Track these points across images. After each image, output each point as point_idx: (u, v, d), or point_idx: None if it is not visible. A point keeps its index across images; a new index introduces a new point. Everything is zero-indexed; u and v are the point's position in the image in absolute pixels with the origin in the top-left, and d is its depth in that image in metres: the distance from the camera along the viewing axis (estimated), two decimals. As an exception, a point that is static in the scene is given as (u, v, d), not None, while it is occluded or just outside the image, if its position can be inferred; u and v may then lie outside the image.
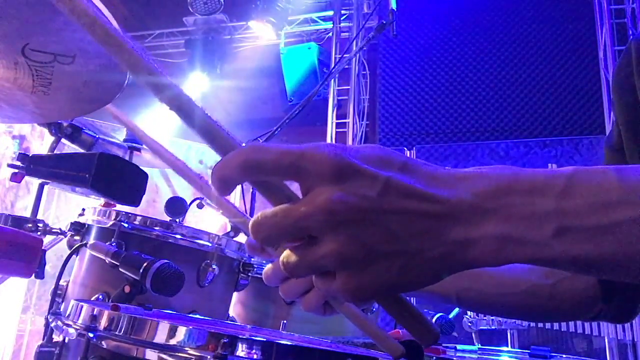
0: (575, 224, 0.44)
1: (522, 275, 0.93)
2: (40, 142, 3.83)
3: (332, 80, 5.51)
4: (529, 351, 1.65)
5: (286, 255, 0.48)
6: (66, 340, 0.90)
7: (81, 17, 0.44)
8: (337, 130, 5.94)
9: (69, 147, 1.79)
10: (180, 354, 0.74)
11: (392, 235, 0.45)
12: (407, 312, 0.50)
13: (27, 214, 1.67)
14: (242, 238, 1.74)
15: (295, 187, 0.49)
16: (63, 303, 1.54)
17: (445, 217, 0.45)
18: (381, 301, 0.51)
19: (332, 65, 5.98)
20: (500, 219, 0.45)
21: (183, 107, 0.47)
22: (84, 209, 1.66)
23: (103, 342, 0.79)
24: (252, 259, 1.81)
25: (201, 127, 0.48)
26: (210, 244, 1.59)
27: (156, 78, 0.46)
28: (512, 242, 0.45)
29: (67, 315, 0.93)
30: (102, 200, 1.78)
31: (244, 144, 0.48)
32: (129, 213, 1.57)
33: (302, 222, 0.45)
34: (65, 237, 1.63)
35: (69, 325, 0.87)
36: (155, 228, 1.55)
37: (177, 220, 1.72)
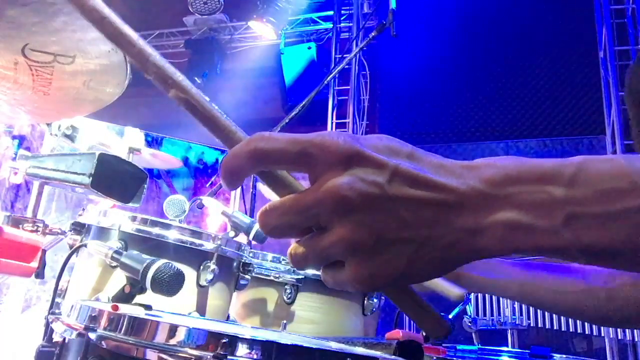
0: (585, 211, 0.44)
1: (579, 276, 0.95)
2: (40, 142, 3.83)
3: (332, 80, 5.50)
4: (528, 351, 1.65)
5: (294, 247, 0.48)
6: (66, 340, 0.90)
7: (91, 14, 0.44)
8: (337, 130, 5.94)
9: (69, 147, 1.79)
10: (180, 354, 0.74)
11: (401, 222, 0.44)
12: (417, 305, 0.49)
13: (27, 214, 1.67)
14: (242, 238, 1.74)
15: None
16: (63, 303, 1.54)
17: (453, 205, 0.45)
18: (391, 292, 0.50)
19: (332, 65, 5.98)
20: (509, 206, 0.44)
21: (191, 101, 0.47)
22: (84, 209, 1.66)
23: (103, 342, 0.79)
24: (252, 259, 1.81)
25: (208, 120, 0.47)
26: (210, 244, 1.59)
27: (164, 72, 0.46)
28: (521, 230, 0.44)
29: (67, 315, 0.93)
30: (102, 200, 1.78)
31: None
32: (129, 213, 1.57)
33: (311, 209, 0.45)
34: (65, 237, 1.62)
35: (69, 325, 0.87)
36: (155, 228, 1.55)
37: (177, 220, 1.72)
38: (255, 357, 0.73)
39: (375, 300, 1.96)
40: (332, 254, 0.46)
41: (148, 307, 1.01)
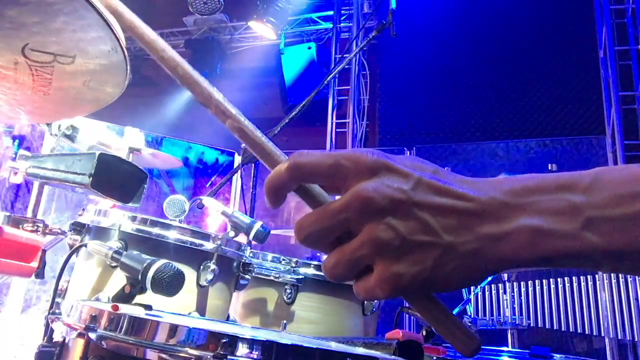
0: (604, 215, 0.46)
1: None
2: (40, 142, 3.83)
3: (332, 80, 5.50)
4: (529, 351, 1.66)
5: (326, 258, 0.50)
6: (66, 340, 0.90)
7: (167, 62, 0.55)
8: (337, 130, 5.94)
9: (69, 147, 1.79)
10: (180, 354, 0.74)
11: (426, 226, 0.47)
12: (446, 317, 0.50)
13: (27, 214, 1.67)
14: (242, 238, 1.74)
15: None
16: (63, 303, 1.54)
17: (476, 214, 0.47)
18: (419, 301, 0.50)
19: (332, 65, 5.98)
20: (530, 213, 0.47)
21: (244, 129, 0.53)
22: (84, 209, 1.66)
23: (103, 342, 0.79)
24: (252, 259, 1.81)
25: (257, 145, 0.53)
26: (210, 244, 1.59)
27: (223, 107, 0.54)
28: (543, 235, 0.46)
29: (67, 315, 0.93)
30: (101, 200, 1.78)
31: None
32: (129, 213, 1.57)
33: (340, 213, 0.48)
34: (65, 237, 1.62)
35: (69, 325, 0.87)
36: (155, 228, 1.55)
37: (177, 220, 1.71)
38: (255, 357, 0.73)
39: (375, 300, 1.96)
40: (360, 256, 0.48)
41: (148, 307, 1.01)
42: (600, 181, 0.47)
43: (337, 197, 0.51)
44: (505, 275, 3.06)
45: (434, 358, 1.14)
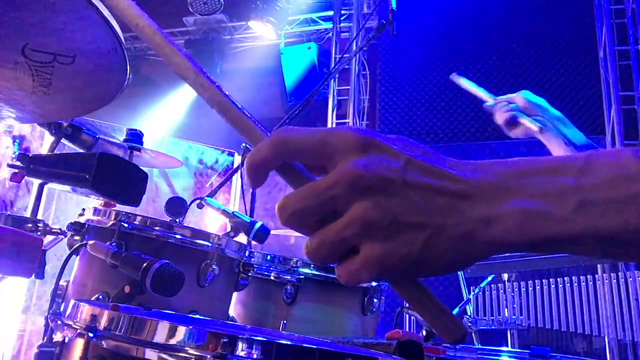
0: (595, 197, 0.45)
1: None
2: (40, 142, 3.84)
3: (332, 80, 5.50)
4: (529, 351, 1.65)
5: (310, 239, 0.48)
6: (66, 340, 0.90)
7: (142, 30, 0.53)
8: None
9: (69, 147, 1.79)
10: (180, 354, 0.74)
11: (416, 207, 0.45)
12: (432, 304, 0.48)
13: (27, 214, 1.67)
14: (242, 238, 1.74)
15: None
16: (63, 303, 1.54)
17: (466, 195, 0.46)
18: (404, 286, 0.48)
19: (332, 65, 5.98)
20: (521, 195, 0.46)
21: (223, 105, 0.51)
22: (84, 209, 1.66)
23: (103, 342, 0.79)
24: (252, 259, 1.81)
25: (237, 121, 0.51)
26: (210, 244, 1.59)
27: (201, 80, 0.52)
28: (534, 217, 0.45)
29: (67, 315, 0.94)
30: (102, 200, 1.78)
31: None
32: (129, 213, 1.57)
33: (328, 190, 0.45)
34: (65, 237, 1.62)
35: (69, 325, 0.87)
36: (155, 228, 1.55)
37: (177, 220, 1.71)
38: (255, 356, 0.73)
39: (375, 300, 1.96)
40: (347, 236, 0.45)
41: (148, 307, 1.01)
42: (592, 164, 0.46)
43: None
44: (506, 275, 3.06)
45: (434, 358, 1.14)
